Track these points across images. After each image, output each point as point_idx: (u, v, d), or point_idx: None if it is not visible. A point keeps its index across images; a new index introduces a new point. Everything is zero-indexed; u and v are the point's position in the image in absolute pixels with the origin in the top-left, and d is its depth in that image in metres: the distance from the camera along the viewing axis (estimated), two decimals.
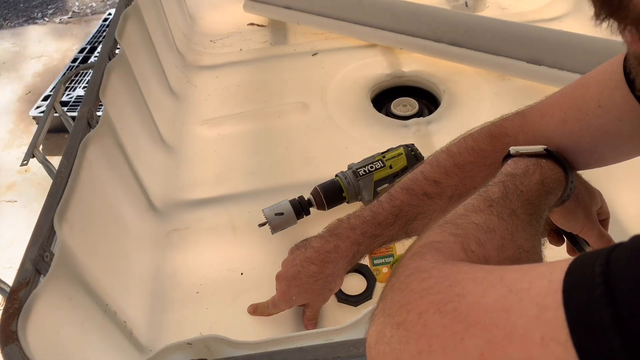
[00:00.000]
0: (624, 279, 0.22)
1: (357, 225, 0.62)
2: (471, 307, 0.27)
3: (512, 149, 0.50)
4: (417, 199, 0.59)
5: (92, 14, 3.16)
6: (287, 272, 0.67)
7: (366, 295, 0.73)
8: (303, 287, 0.65)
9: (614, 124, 0.49)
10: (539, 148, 0.49)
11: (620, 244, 0.23)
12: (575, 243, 0.59)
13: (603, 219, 0.59)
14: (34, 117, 1.99)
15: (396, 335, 0.30)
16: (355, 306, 0.72)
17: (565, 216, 0.54)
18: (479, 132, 0.58)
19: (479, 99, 1.07)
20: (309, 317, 0.69)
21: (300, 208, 0.79)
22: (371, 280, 0.74)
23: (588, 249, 0.58)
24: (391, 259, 0.74)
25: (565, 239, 0.60)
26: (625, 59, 0.47)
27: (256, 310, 0.71)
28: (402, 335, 0.30)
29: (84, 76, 2.08)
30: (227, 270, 0.79)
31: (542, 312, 0.24)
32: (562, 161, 0.49)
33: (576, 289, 0.23)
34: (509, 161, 0.50)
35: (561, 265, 0.25)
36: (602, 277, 0.22)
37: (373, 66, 1.19)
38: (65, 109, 1.38)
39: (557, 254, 0.60)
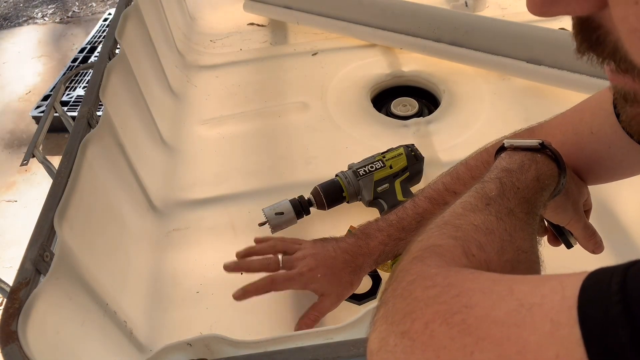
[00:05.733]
0: None
1: (384, 228, 0.67)
2: (480, 319, 0.27)
3: (507, 142, 0.50)
4: (439, 208, 0.62)
5: (92, 14, 3.16)
6: (319, 252, 0.68)
7: (371, 294, 0.73)
8: (332, 271, 0.66)
9: (605, 150, 0.53)
10: (533, 142, 0.49)
11: (637, 262, 0.23)
12: (560, 234, 0.60)
13: (585, 210, 0.60)
14: (34, 117, 2.00)
15: (400, 344, 0.29)
16: (360, 304, 0.72)
17: (554, 209, 0.54)
18: (493, 147, 0.60)
19: (479, 99, 1.07)
20: (321, 309, 0.66)
21: (301, 207, 0.79)
22: (376, 279, 0.74)
23: (572, 240, 0.60)
24: None
25: (550, 229, 0.61)
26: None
27: (248, 291, 0.65)
28: (407, 345, 0.29)
29: (84, 76, 2.09)
30: None
31: (556, 328, 0.23)
32: (557, 155, 0.49)
33: (592, 307, 0.23)
34: (503, 154, 0.50)
35: (573, 280, 0.24)
36: (620, 295, 0.22)
37: (373, 66, 1.19)
38: (65, 108, 1.38)
39: (553, 254, 0.60)
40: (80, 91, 1.99)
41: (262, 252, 0.71)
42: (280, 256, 0.69)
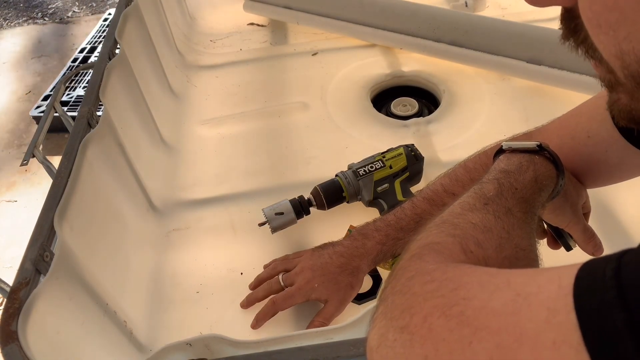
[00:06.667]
0: (636, 283, 0.22)
1: (382, 228, 0.68)
2: (478, 310, 0.27)
3: (505, 144, 0.51)
4: (437, 209, 0.63)
5: (92, 14, 3.16)
6: (314, 262, 0.69)
7: (371, 294, 0.73)
8: (328, 277, 0.67)
9: (602, 154, 0.54)
10: (531, 144, 0.50)
11: (631, 249, 0.23)
12: (559, 236, 0.61)
13: (584, 212, 0.60)
14: (34, 117, 1.99)
15: (400, 339, 0.30)
16: (359, 304, 0.72)
17: (553, 211, 0.55)
18: (492, 149, 0.61)
19: (479, 99, 1.07)
20: (325, 315, 0.67)
21: (300, 208, 0.79)
22: (377, 279, 0.74)
23: (571, 242, 0.60)
24: None
25: (549, 232, 0.61)
26: None
27: (259, 319, 0.69)
28: (406, 339, 0.29)
29: (84, 76, 2.08)
30: (227, 270, 0.79)
31: (552, 315, 0.24)
32: (555, 157, 0.50)
33: (588, 293, 0.23)
34: (501, 157, 0.50)
35: (569, 269, 0.25)
36: (614, 280, 0.22)
37: (373, 66, 1.19)
38: (65, 108, 1.38)
39: (552, 256, 0.60)
40: (80, 91, 1.99)
41: (267, 277, 0.73)
42: (280, 275, 0.71)
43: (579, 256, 0.59)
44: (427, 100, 1.12)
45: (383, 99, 1.14)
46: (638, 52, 0.24)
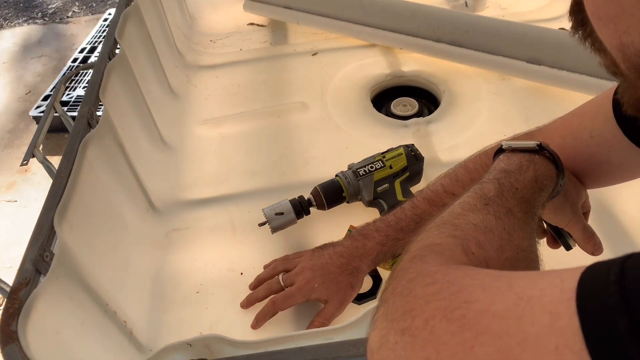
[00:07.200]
0: (639, 287, 0.22)
1: (382, 228, 0.68)
2: (480, 314, 0.27)
3: (505, 144, 0.51)
4: (437, 209, 0.63)
5: (92, 14, 3.16)
6: (315, 263, 0.69)
7: (371, 294, 0.73)
8: (328, 277, 0.67)
9: (604, 154, 0.54)
10: (531, 143, 0.50)
11: (634, 254, 0.23)
12: (559, 236, 0.61)
13: (584, 212, 0.60)
14: (34, 117, 2.00)
15: (401, 341, 0.30)
16: (359, 304, 0.72)
17: (553, 211, 0.55)
18: (492, 149, 0.61)
19: (479, 99, 1.07)
20: (325, 316, 0.67)
21: (301, 208, 0.79)
22: (377, 279, 0.74)
23: (571, 242, 0.60)
24: None
25: (549, 231, 0.61)
26: (615, 93, 0.50)
27: (259, 319, 0.69)
28: (408, 342, 0.29)
29: (84, 76, 2.08)
30: (227, 270, 0.79)
31: (555, 320, 0.24)
32: (555, 156, 0.50)
33: (590, 297, 0.23)
34: (502, 156, 0.50)
35: (572, 273, 0.25)
36: (617, 285, 0.22)
37: (373, 66, 1.19)
38: (65, 108, 1.38)
39: (552, 256, 0.60)
40: (80, 91, 1.99)
41: (267, 277, 0.73)
42: (280, 275, 0.71)
43: (579, 256, 0.59)
44: (427, 100, 1.12)
45: (383, 99, 1.14)
46: (637, 45, 0.25)
